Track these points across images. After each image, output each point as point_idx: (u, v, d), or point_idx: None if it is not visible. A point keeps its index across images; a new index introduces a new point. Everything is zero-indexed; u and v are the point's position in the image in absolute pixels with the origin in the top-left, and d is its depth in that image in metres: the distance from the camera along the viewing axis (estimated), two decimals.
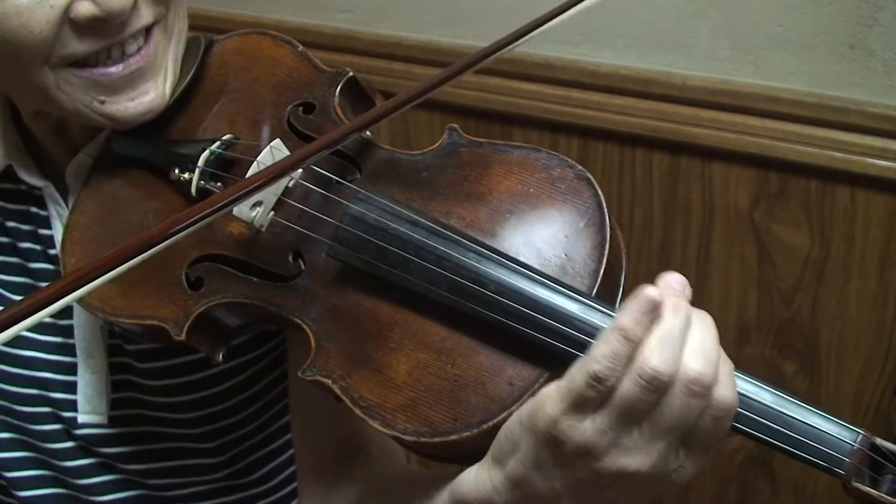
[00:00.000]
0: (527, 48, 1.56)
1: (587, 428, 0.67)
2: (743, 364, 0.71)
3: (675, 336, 0.67)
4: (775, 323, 1.53)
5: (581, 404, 0.67)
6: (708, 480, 1.70)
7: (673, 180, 1.53)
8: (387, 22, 1.66)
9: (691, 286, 0.73)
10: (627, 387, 0.66)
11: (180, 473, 1.05)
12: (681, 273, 0.74)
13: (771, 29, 1.38)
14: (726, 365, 0.69)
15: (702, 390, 0.66)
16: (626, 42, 1.49)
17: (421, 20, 1.63)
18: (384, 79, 1.66)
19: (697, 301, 0.73)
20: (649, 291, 0.67)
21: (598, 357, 0.66)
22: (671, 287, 0.70)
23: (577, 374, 0.67)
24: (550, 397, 0.68)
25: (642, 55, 1.48)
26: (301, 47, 0.96)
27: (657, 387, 0.66)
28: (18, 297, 0.99)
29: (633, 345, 0.66)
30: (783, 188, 1.45)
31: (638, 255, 1.58)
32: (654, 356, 0.66)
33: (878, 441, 0.69)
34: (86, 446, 1.03)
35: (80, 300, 0.89)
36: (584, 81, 1.52)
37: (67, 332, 1.00)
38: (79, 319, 0.99)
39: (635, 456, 0.67)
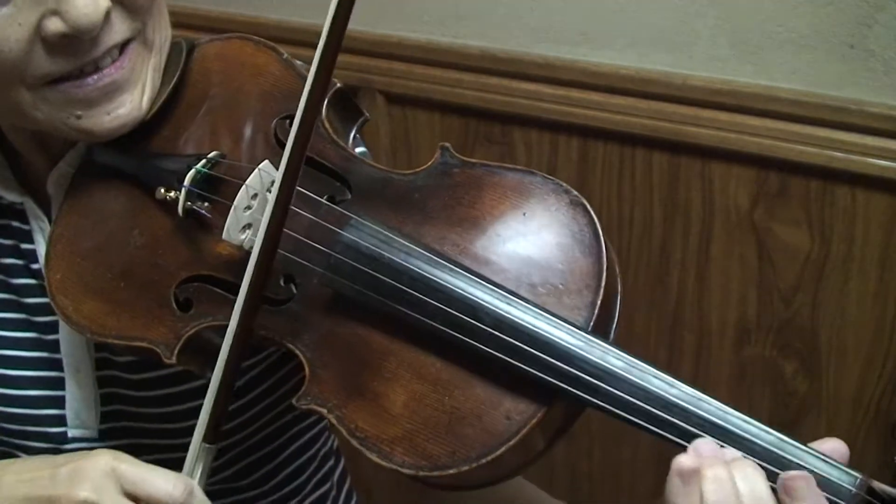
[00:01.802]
0: (526, 48, 1.57)
1: None
2: (743, 364, 0.71)
3: None
4: (775, 323, 1.53)
5: None
6: None
7: (673, 180, 1.53)
8: (387, 22, 1.66)
9: (691, 286, 0.74)
10: None
11: None
12: (680, 273, 0.74)
13: (771, 29, 1.38)
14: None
15: None
16: (626, 42, 1.49)
17: (421, 20, 1.63)
18: (384, 79, 1.66)
19: (698, 301, 0.72)
20: (682, 462, 0.69)
21: None
22: (702, 455, 0.70)
23: None
24: None
25: (642, 55, 1.48)
26: (286, 54, 0.92)
27: None
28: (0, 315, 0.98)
29: None
30: (783, 188, 1.45)
31: (638, 255, 1.58)
32: None
33: (876, 485, 0.70)
34: None
35: (68, 318, 0.88)
36: (584, 81, 1.52)
37: (54, 347, 0.98)
38: (64, 334, 0.97)
39: None
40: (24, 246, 0.97)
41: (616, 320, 0.79)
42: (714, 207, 1.51)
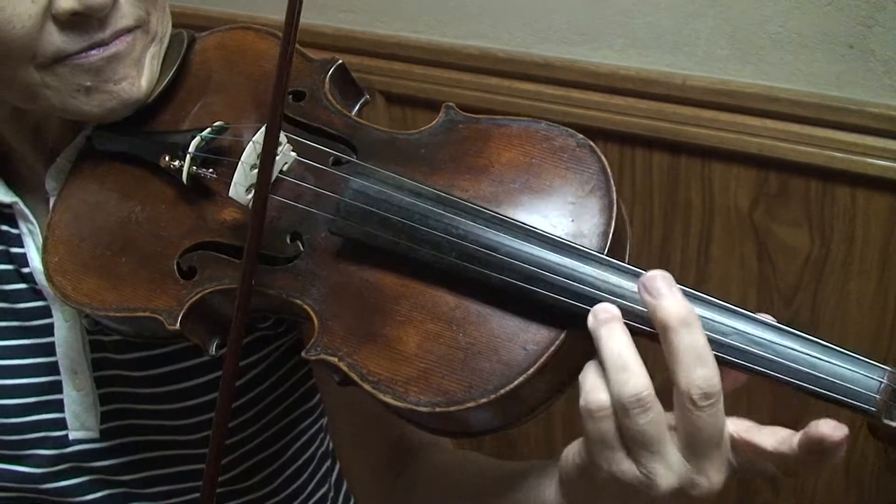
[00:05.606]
0: (526, 48, 1.57)
1: (628, 468, 0.69)
2: None
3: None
4: None
5: (604, 440, 0.69)
6: None
7: (673, 180, 1.53)
8: (387, 22, 1.66)
9: (691, 286, 0.74)
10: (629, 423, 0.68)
11: (179, 480, 1.04)
12: (680, 273, 0.74)
13: (771, 29, 1.38)
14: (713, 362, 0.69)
15: (715, 399, 0.67)
16: (626, 42, 1.49)
17: (421, 20, 1.63)
18: (384, 79, 1.67)
19: None
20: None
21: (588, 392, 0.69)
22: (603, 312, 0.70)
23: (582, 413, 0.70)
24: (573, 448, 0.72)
25: (642, 55, 1.48)
26: None
27: (644, 408, 0.67)
28: None
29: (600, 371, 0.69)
30: (783, 188, 1.45)
31: (638, 255, 1.58)
32: (593, 392, 0.68)
33: None
34: (78, 465, 1.02)
35: (67, 297, 0.88)
36: (584, 81, 1.52)
37: (49, 350, 0.98)
38: (59, 336, 0.97)
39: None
40: (14, 250, 0.97)
41: (627, 259, 0.78)
42: (714, 207, 1.51)
